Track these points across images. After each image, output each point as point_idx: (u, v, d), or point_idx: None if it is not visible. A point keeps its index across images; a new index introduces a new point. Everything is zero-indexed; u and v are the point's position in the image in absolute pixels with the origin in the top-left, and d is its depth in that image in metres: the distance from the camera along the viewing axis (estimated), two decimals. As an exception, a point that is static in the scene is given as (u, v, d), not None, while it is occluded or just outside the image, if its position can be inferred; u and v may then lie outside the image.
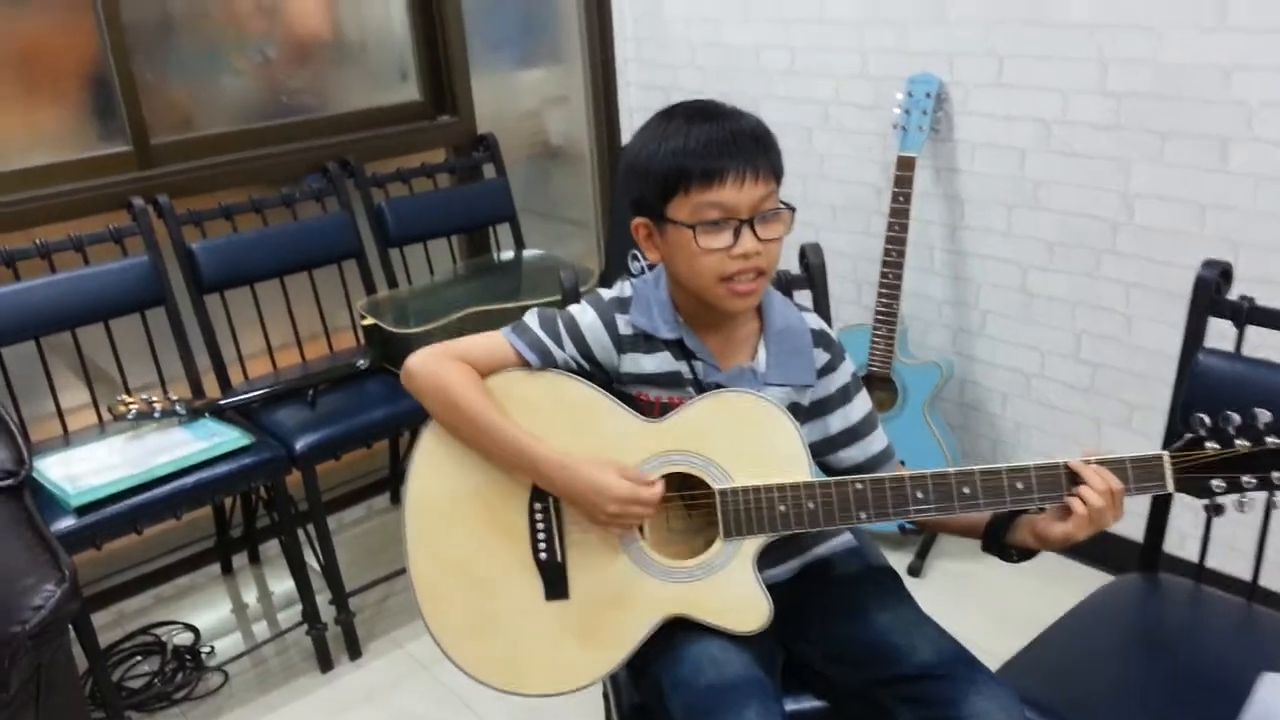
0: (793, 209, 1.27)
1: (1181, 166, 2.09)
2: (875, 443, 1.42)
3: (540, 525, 1.30)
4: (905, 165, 2.41)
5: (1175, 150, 2.09)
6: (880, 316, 2.46)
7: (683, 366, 1.34)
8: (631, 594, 1.29)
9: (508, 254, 2.98)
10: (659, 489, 1.26)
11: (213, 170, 2.57)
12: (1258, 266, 2.02)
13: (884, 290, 2.45)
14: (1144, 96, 2.10)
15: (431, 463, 1.34)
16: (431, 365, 1.31)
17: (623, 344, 1.34)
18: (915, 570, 2.50)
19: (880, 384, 2.53)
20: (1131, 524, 1.59)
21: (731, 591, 1.27)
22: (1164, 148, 2.10)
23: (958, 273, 2.56)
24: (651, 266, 1.37)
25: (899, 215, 2.42)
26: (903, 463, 2.47)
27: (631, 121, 3.30)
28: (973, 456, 2.67)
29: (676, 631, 1.28)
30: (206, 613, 2.57)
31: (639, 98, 3.25)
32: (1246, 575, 1.54)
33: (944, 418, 2.61)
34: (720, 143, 1.22)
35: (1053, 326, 2.40)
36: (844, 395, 1.40)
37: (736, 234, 1.23)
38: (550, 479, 1.27)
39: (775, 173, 1.26)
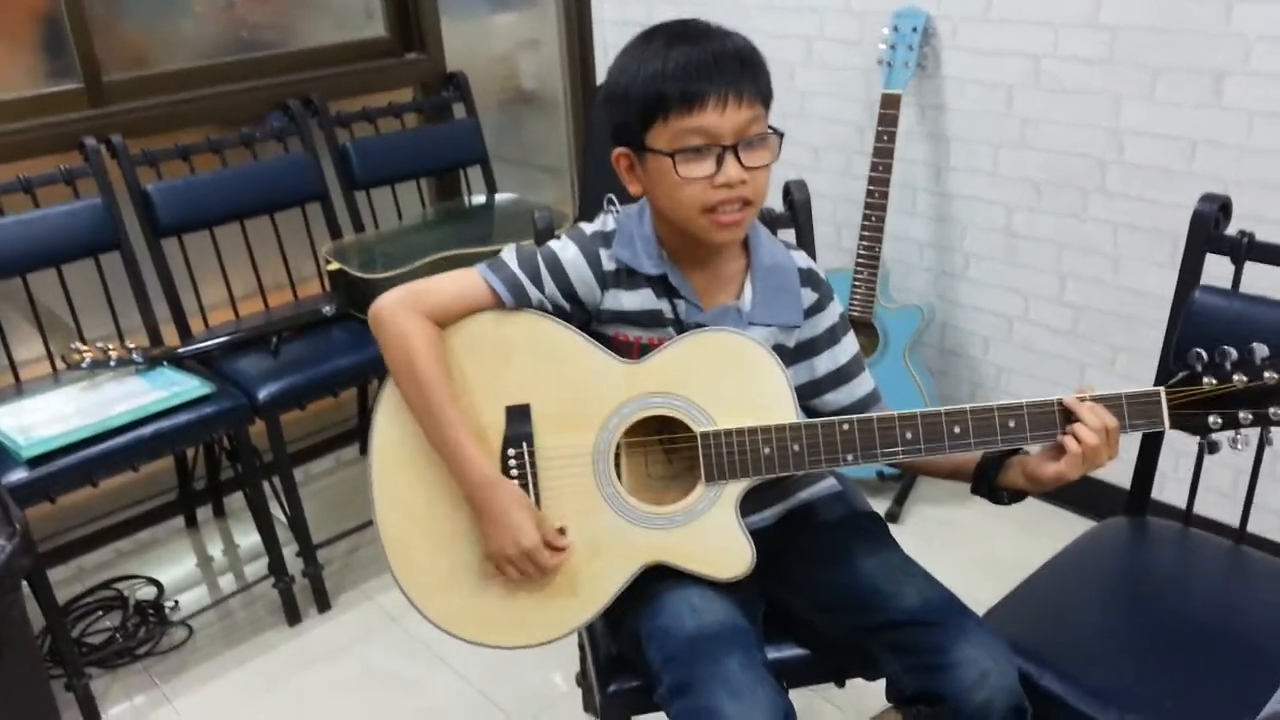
0: (780, 134, 1.20)
1: (1173, 103, 2.03)
2: (862, 385, 1.37)
3: (514, 472, 1.24)
4: (890, 103, 2.34)
5: (1168, 86, 2.03)
6: (861, 260, 2.40)
7: (664, 305, 1.28)
8: (609, 542, 1.23)
9: (479, 198, 2.88)
10: (559, 560, 1.21)
11: (169, 108, 2.46)
12: (1250, 204, 1.96)
13: (866, 233, 2.38)
14: (1138, 29, 2.03)
15: (398, 412, 1.27)
16: (401, 320, 1.23)
17: (606, 279, 1.27)
18: (894, 516, 2.46)
19: (861, 328, 2.48)
20: (1116, 469, 1.55)
21: (713, 537, 1.22)
22: (1156, 83, 2.04)
23: (941, 214, 2.50)
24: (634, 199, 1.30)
25: (882, 155, 2.35)
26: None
27: (607, 60, 3.17)
28: (953, 401, 2.59)
29: (655, 580, 1.23)
30: (170, 567, 2.50)
31: (614, 35, 3.14)
32: (1232, 521, 1.51)
33: (925, 362, 2.57)
34: (701, 64, 1.14)
35: (1037, 269, 2.35)
36: (831, 336, 1.35)
37: (719, 161, 1.16)
38: (470, 491, 1.22)
39: (762, 96, 1.19)
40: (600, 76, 3.21)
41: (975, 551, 2.28)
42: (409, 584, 1.28)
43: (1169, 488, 1.93)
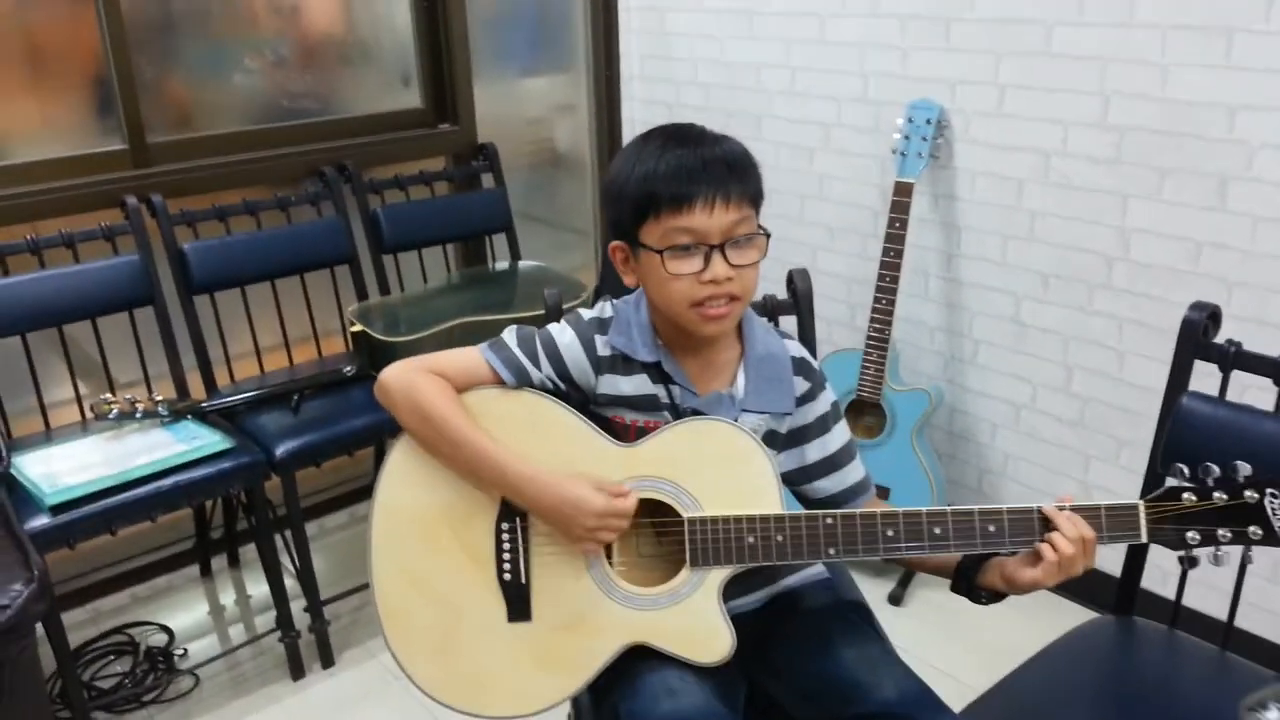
0: (768, 234, 1.26)
1: (1180, 204, 2.07)
2: (852, 474, 1.40)
3: (506, 546, 1.28)
4: (903, 191, 2.40)
5: (1174, 187, 2.07)
6: (872, 341, 2.44)
7: (660, 390, 1.32)
8: (595, 619, 1.27)
9: (503, 264, 2.96)
10: (633, 501, 1.24)
11: (209, 171, 2.56)
12: (1252, 308, 2.00)
13: (876, 315, 2.43)
14: (1145, 132, 2.08)
15: (400, 476, 1.32)
16: (405, 377, 1.29)
17: (600, 365, 1.32)
18: (896, 599, 2.47)
19: (869, 409, 2.51)
20: (1117, 560, 1.57)
21: (695, 621, 1.25)
22: (1163, 184, 2.09)
23: (952, 300, 2.54)
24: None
25: (894, 240, 2.40)
26: (888, 490, 2.46)
27: (634, 134, 3.28)
28: (959, 485, 2.65)
29: (638, 660, 1.26)
30: (182, 614, 2.56)
31: (642, 112, 3.24)
32: (1223, 614, 1.51)
33: (932, 446, 2.59)
34: (691, 168, 1.21)
35: (1044, 359, 2.38)
36: (822, 425, 1.38)
37: (707, 259, 1.22)
38: (520, 491, 1.25)
39: (750, 198, 1.25)
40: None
41: (973, 636, 2.28)
42: (400, 647, 1.31)
43: (1169, 581, 1.93)
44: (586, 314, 1.36)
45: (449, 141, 2.96)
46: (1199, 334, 1.47)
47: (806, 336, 1.69)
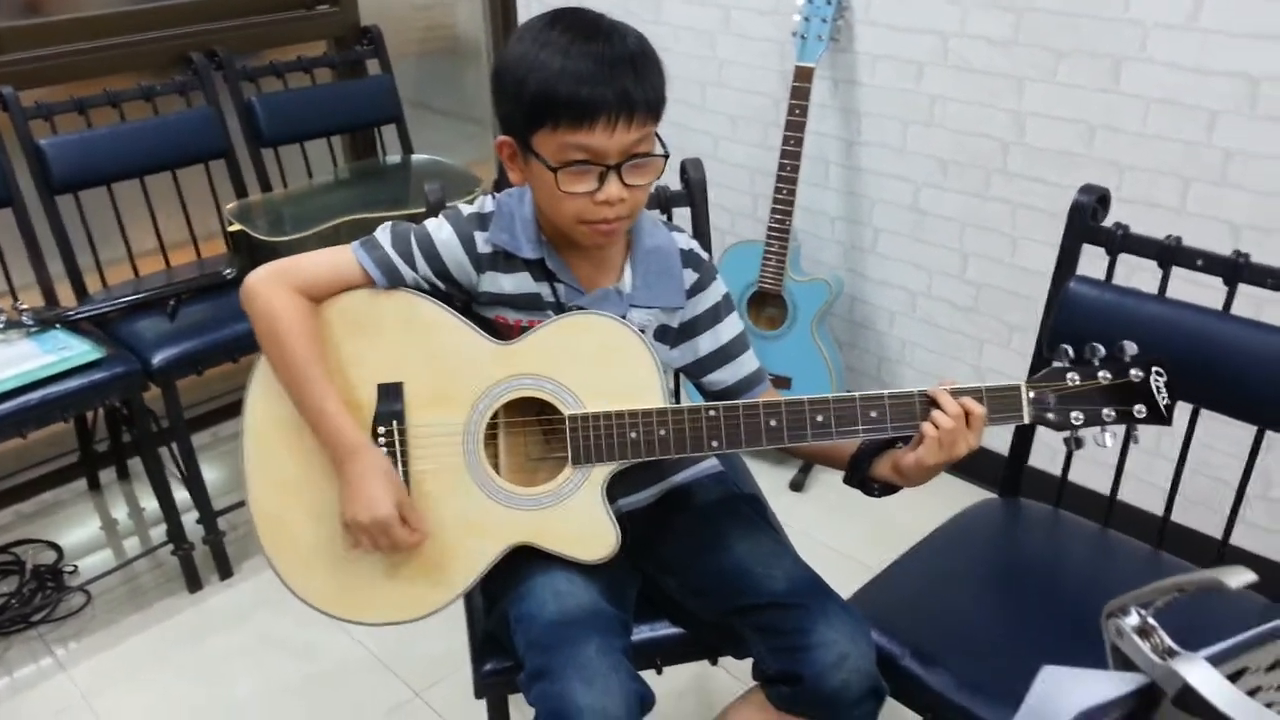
0: (666, 155, 1.19)
1: (1074, 86, 2.05)
2: (746, 365, 1.38)
3: (383, 450, 1.24)
4: (803, 76, 2.34)
5: (1069, 69, 2.05)
6: (773, 232, 2.41)
7: (543, 288, 1.27)
8: (478, 521, 1.24)
9: (394, 158, 2.84)
10: (409, 539, 1.21)
11: (64, 59, 2.38)
12: (1142, 190, 2.01)
13: (777, 206, 2.39)
14: (1043, 12, 2.05)
15: (269, 385, 1.26)
16: (267, 293, 1.22)
17: (481, 262, 1.27)
18: (798, 485, 2.51)
19: (771, 301, 2.50)
20: (1007, 440, 1.60)
21: (579, 520, 1.23)
22: (1058, 66, 2.06)
23: (852, 189, 2.51)
24: None
25: (795, 128, 2.35)
26: (789, 380, 2.47)
27: (530, 13, 3.14)
28: (859, 373, 2.67)
29: (525, 562, 1.24)
30: (70, 530, 2.47)
31: (536, -7, 3.09)
32: (1108, 488, 1.54)
33: (832, 335, 2.60)
34: (594, 78, 1.11)
35: (942, 246, 2.38)
36: (714, 315, 1.35)
37: (601, 179, 1.15)
38: (335, 457, 1.22)
39: (654, 110, 1.16)
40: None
41: (873, 518, 2.32)
42: (279, 559, 1.28)
43: (1058, 459, 1.98)
44: (466, 209, 1.29)
45: (329, 24, 2.78)
46: (1087, 217, 1.47)
47: (701, 228, 1.65)
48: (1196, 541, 1.98)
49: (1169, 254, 1.41)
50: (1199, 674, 0.52)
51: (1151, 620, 0.58)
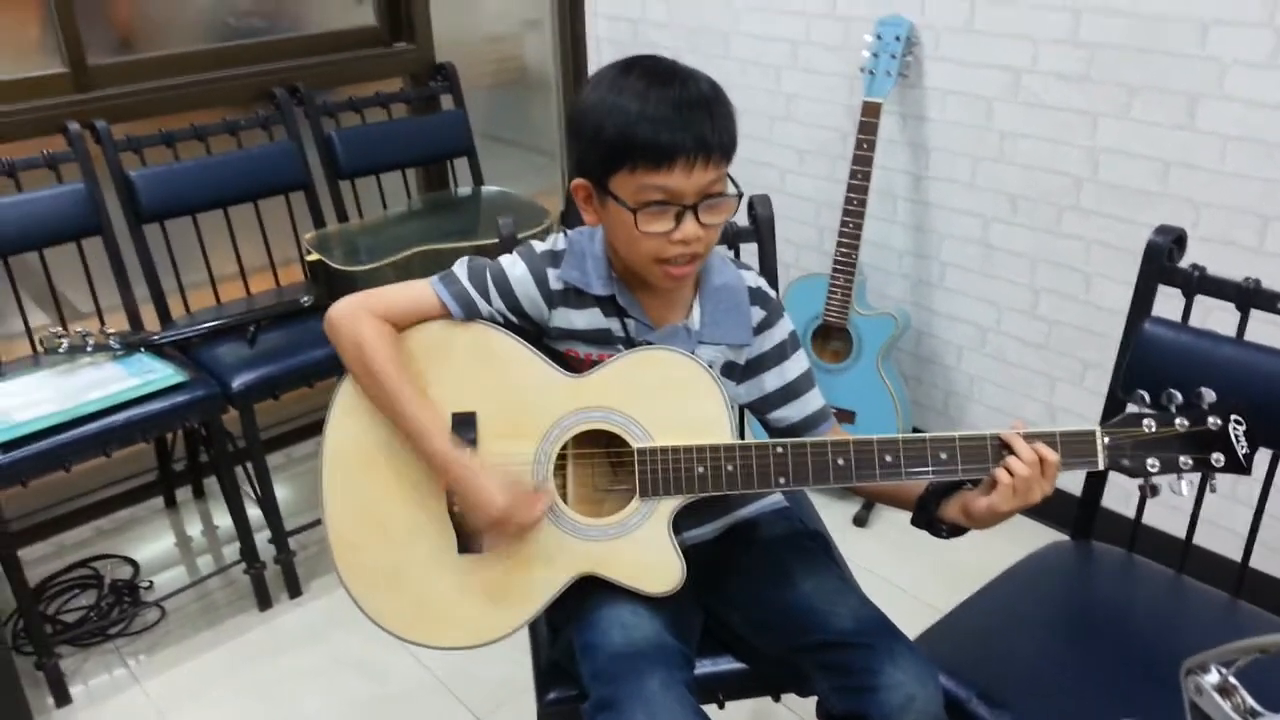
0: (740, 195, 1.22)
1: (1149, 123, 2.03)
2: (811, 402, 1.38)
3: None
4: (871, 111, 2.34)
5: (1143, 105, 2.03)
6: (839, 265, 2.41)
7: (614, 324, 1.29)
8: (545, 550, 1.26)
9: (465, 190, 2.90)
10: (537, 513, 1.22)
11: (154, 94, 2.47)
12: (1219, 228, 1.98)
13: (844, 239, 2.39)
14: (1116, 48, 2.03)
15: (350, 410, 1.30)
16: (351, 321, 1.26)
17: (553, 299, 1.29)
18: (861, 520, 2.49)
19: (836, 334, 2.50)
20: (1079, 481, 1.57)
21: (645, 552, 1.24)
22: (1132, 102, 2.04)
23: (920, 223, 2.50)
24: None
25: (862, 162, 2.35)
26: (853, 414, 2.46)
27: (599, 52, 3.20)
28: (925, 409, 2.65)
29: (592, 592, 1.26)
30: (147, 547, 2.54)
31: (606, 28, 3.14)
32: (1183, 532, 1.51)
33: (898, 369, 2.58)
34: (673, 122, 1.14)
35: (1011, 281, 2.36)
36: (780, 353, 1.36)
37: (678, 219, 1.18)
38: (441, 470, 1.24)
39: (727, 153, 1.19)
40: (592, 65, 3.22)
41: (937, 557, 2.29)
42: (352, 579, 1.31)
43: (1131, 501, 1.94)
44: (539, 246, 1.32)
45: (405, 61, 2.86)
46: (1163, 258, 1.45)
47: (768, 264, 1.66)
48: (1276, 590, 1.92)
49: (1247, 296, 1.38)
50: (1282, 733, 0.52)
51: (1233, 679, 0.57)
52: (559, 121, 3.34)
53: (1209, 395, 1.14)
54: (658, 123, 1.14)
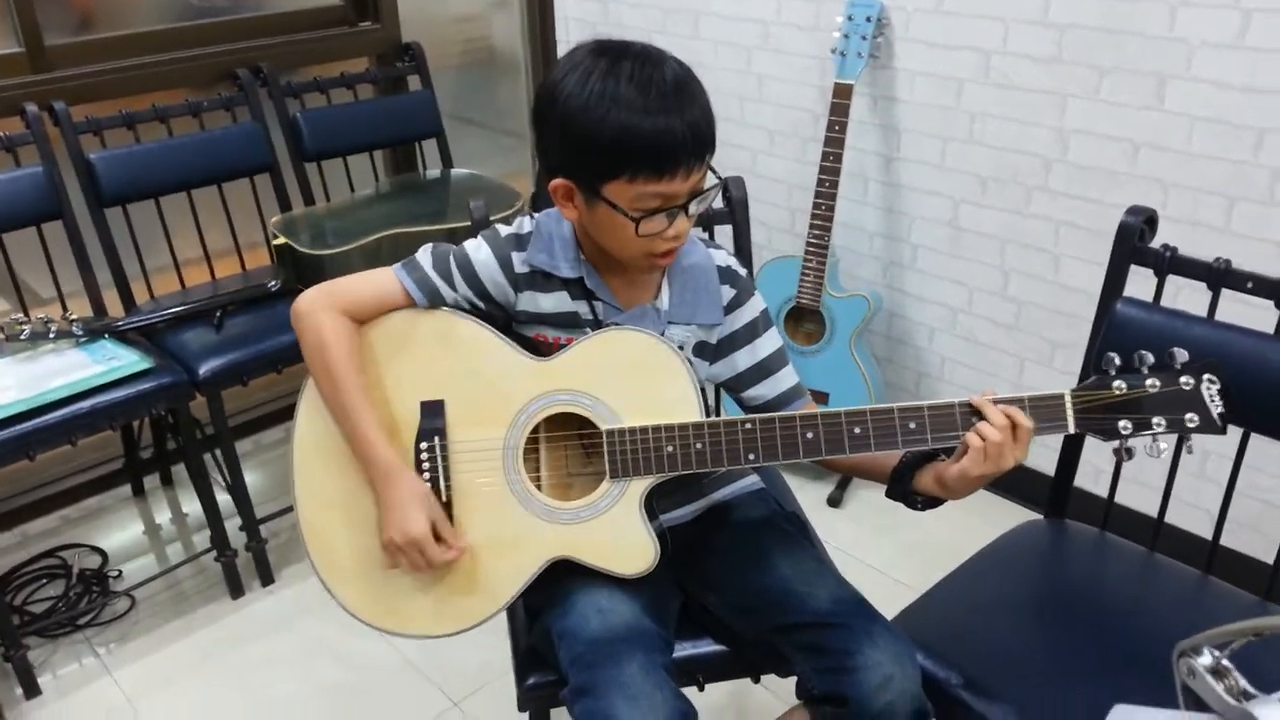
0: (721, 183, 1.24)
1: (1118, 104, 2.04)
2: (784, 380, 1.38)
3: (425, 465, 1.26)
4: (842, 93, 2.34)
5: (1112, 87, 2.04)
6: (811, 248, 2.41)
7: (581, 306, 1.29)
8: (518, 536, 1.25)
9: (434, 172, 2.86)
10: (444, 556, 1.22)
11: (114, 75, 2.42)
12: (1187, 209, 2.00)
13: (816, 221, 2.39)
14: (1085, 29, 2.04)
15: (317, 404, 1.29)
16: (313, 317, 1.26)
17: (519, 282, 1.29)
18: (835, 501, 2.50)
19: (809, 316, 2.50)
20: (1053, 460, 1.58)
21: (617, 533, 1.24)
22: (1101, 84, 2.05)
23: (891, 205, 2.51)
24: None
25: (833, 144, 2.35)
26: (826, 396, 2.47)
27: (568, 31, 3.17)
28: (897, 389, 2.66)
29: (567, 577, 1.25)
30: (115, 535, 2.51)
31: (575, 7, 3.11)
32: (1155, 511, 1.52)
33: (870, 351, 2.59)
34: (673, 133, 1.13)
35: (982, 262, 2.37)
36: (751, 331, 1.36)
37: (671, 217, 1.18)
38: (374, 480, 1.25)
39: (713, 148, 1.19)
40: (561, 46, 3.19)
41: (911, 536, 2.32)
42: (324, 569, 1.30)
43: (1102, 480, 1.96)
44: (504, 230, 1.31)
45: (371, 41, 2.82)
46: (1135, 239, 1.46)
47: (742, 245, 1.65)
48: (1246, 566, 1.95)
49: (1218, 276, 1.39)
50: (1275, 716, 0.52)
51: (1226, 661, 0.57)
52: (528, 102, 3.31)
53: (1181, 355, 1.14)
54: (659, 134, 1.12)
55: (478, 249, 1.29)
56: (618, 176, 1.15)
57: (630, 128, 1.12)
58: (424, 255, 1.29)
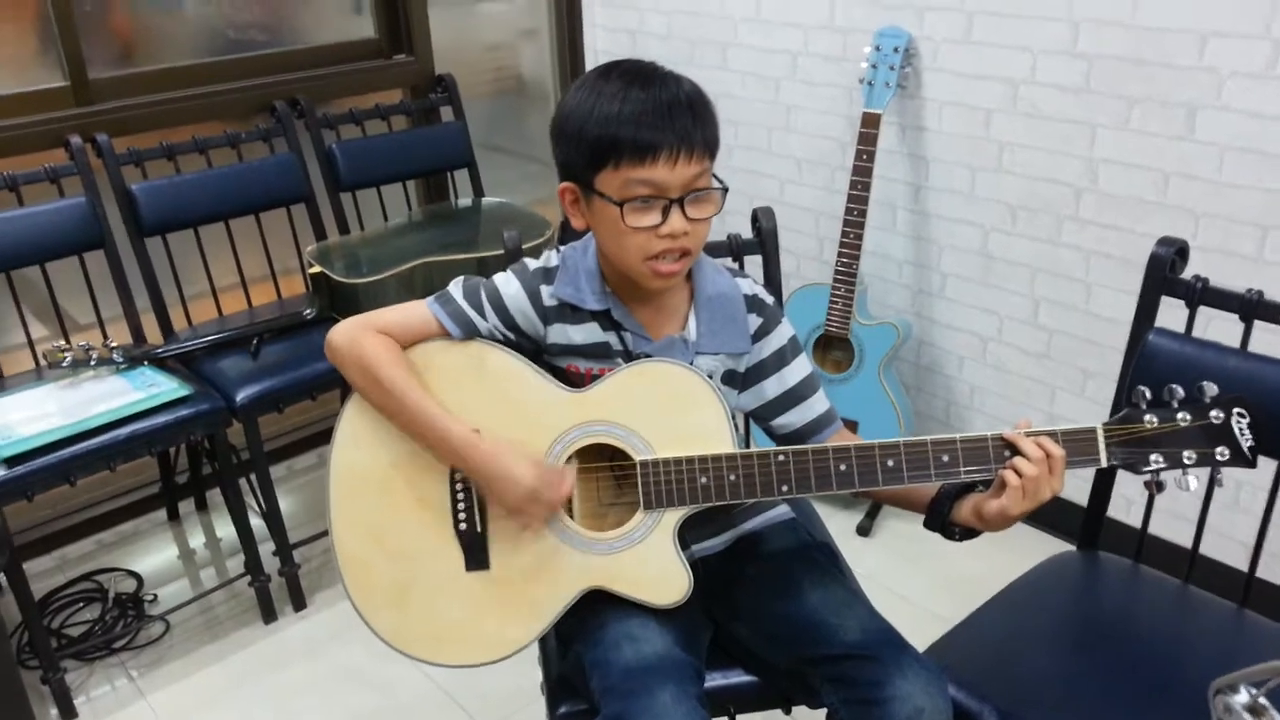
0: (725, 189, 1.23)
1: (1148, 134, 2.04)
2: (815, 407, 1.38)
3: (461, 496, 1.27)
4: (870, 122, 2.35)
5: (1142, 116, 2.04)
6: (840, 276, 2.42)
7: (611, 337, 1.30)
8: (552, 565, 1.26)
9: (466, 201, 2.90)
10: (566, 488, 1.23)
11: (155, 108, 2.47)
12: (1218, 238, 1.99)
13: (844, 249, 2.40)
14: (1115, 60, 2.05)
15: (355, 432, 1.31)
16: (352, 338, 1.28)
17: (548, 315, 1.31)
18: (864, 530, 2.49)
19: (837, 344, 2.51)
20: (1085, 491, 1.58)
21: (651, 564, 1.25)
22: (1131, 113, 2.06)
23: (919, 233, 2.51)
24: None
25: (862, 173, 2.36)
26: (855, 424, 2.47)
27: (597, 63, 3.20)
28: (927, 418, 2.66)
29: (600, 607, 1.26)
30: (150, 560, 2.54)
31: (605, 40, 3.16)
32: (1189, 542, 1.51)
33: (900, 379, 2.59)
34: (655, 116, 1.16)
35: (1012, 291, 2.37)
36: (779, 359, 1.36)
37: (665, 213, 1.19)
38: (462, 457, 1.24)
39: (710, 149, 1.21)
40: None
41: (941, 567, 2.31)
42: (360, 599, 1.31)
43: (1133, 511, 1.95)
44: (532, 264, 1.34)
45: (405, 73, 2.87)
46: (1166, 269, 1.46)
47: (772, 275, 1.66)
48: None
49: (1251, 308, 1.39)
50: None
51: (1263, 700, 0.57)
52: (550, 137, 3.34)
53: (1211, 389, 1.15)
54: (639, 118, 1.16)
55: (507, 283, 1.31)
56: (605, 165, 1.18)
57: (612, 114, 1.17)
58: (455, 288, 1.31)
